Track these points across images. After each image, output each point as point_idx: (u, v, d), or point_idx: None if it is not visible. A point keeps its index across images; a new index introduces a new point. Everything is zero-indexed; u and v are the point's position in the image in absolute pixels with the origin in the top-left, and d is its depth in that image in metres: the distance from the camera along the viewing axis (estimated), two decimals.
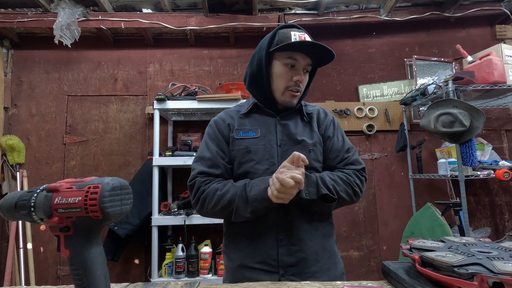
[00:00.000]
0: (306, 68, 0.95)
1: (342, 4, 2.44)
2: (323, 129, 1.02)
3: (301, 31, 0.94)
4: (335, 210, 0.98)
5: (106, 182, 0.47)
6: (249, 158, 0.93)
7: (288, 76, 0.93)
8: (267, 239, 0.88)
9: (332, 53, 0.92)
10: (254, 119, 0.99)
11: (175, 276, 1.98)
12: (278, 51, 0.92)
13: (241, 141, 0.95)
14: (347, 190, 0.91)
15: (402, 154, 2.46)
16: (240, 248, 0.92)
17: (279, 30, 0.95)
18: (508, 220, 2.43)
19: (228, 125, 0.98)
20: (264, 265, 0.87)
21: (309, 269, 0.87)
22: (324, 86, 2.57)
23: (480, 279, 0.46)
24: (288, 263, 0.86)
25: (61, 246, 0.48)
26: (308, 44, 0.90)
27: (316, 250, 0.89)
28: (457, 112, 1.81)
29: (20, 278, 2.17)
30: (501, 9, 2.45)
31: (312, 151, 0.95)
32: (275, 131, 0.96)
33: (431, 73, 2.51)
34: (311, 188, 0.84)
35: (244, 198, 0.84)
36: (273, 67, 0.95)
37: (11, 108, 2.44)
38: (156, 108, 2.07)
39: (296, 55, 0.91)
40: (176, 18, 2.37)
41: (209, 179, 0.92)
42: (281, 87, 0.94)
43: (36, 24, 2.28)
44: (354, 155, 1.01)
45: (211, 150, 0.95)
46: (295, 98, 0.97)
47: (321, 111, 1.07)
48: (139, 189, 2.11)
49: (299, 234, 0.88)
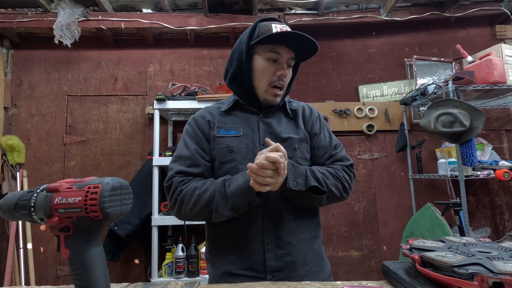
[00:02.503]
0: (289, 62, 0.91)
1: (342, 4, 2.44)
2: (309, 126, 0.98)
3: (282, 24, 0.89)
4: (335, 210, 0.97)
5: (106, 182, 0.47)
6: (231, 157, 0.88)
7: (271, 71, 0.88)
8: (253, 244, 0.84)
9: (316, 44, 0.88)
10: (235, 116, 0.94)
11: (175, 276, 1.98)
12: (259, 45, 0.88)
13: (222, 140, 0.90)
14: (336, 185, 0.88)
15: (402, 154, 2.46)
16: (224, 254, 0.87)
17: (259, 23, 0.90)
18: (508, 220, 2.43)
19: (208, 122, 0.93)
20: (251, 271, 0.83)
21: (297, 272, 0.84)
22: (324, 86, 2.57)
23: (480, 279, 0.46)
24: (276, 267, 0.83)
25: (61, 246, 0.48)
26: (291, 35, 0.85)
27: (304, 253, 0.86)
28: (457, 112, 1.81)
29: (20, 278, 2.17)
30: (501, 9, 2.45)
31: (298, 149, 0.92)
32: (258, 129, 0.92)
33: (431, 73, 2.51)
34: (299, 179, 0.81)
35: (224, 194, 0.79)
36: (254, 62, 0.90)
37: (11, 108, 2.44)
38: (156, 108, 2.07)
39: (279, 48, 0.87)
40: (176, 18, 2.37)
41: (187, 179, 0.86)
42: (264, 83, 0.90)
43: (36, 24, 2.28)
44: (341, 151, 0.98)
45: (190, 148, 0.90)
46: (278, 97, 0.92)
47: (306, 107, 1.02)
48: (139, 189, 2.11)
49: (287, 237, 0.85)
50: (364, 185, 2.44)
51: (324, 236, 2.37)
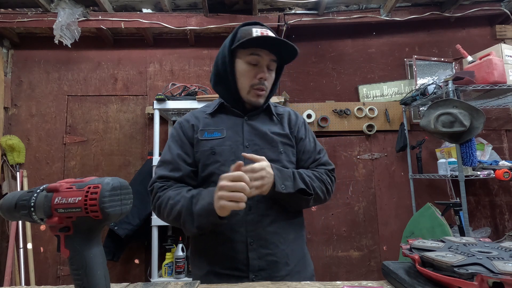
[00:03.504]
0: (270, 65, 0.93)
1: (342, 4, 2.44)
2: (295, 131, 1.00)
3: (263, 28, 0.92)
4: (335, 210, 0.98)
5: (106, 182, 0.47)
6: (214, 159, 0.90)
7: (252, 73, 0.91)
8: (237, 243, 0.85)
9: (295, 49, 0.89)
10: (220, 119, 0.96)
11: (175, 276, 1.98)
12: (240, 49, 0.90)
13: (206, 142, 0.92)
14: (321, 187, 0.92)
15: (402, 154, 2.46)
16: (208, 254, 0.89)
17: (240, 27, 0.93)
18: (508, 220, 2.43)
19: (192, 126, 0.95)
20: (234, 270, 0.85)
21: (280, 272, 0.86)
22: (324, 86, 2.57)
23: (480, 279, 0.46)
24: (259, 267, 0.84)
25: (61, 246, 0.48)
26: (268, 39, 0.87)
27: (286, 253, 0.88)
28: (457, 112, 1.80)
29: (20, 278, 2.17)
30: (501, 9, 2.45)
31: (283, 152, 0.94)
32: (242, 131, 0.93)
33: (431, 73, 2.51)
34: (288, 182, 0.83)
35: (190, 212, 0.80)
36: (236, 66, 0.92)
37: (11, 108, 2.44)
38: (156, 108, 2.07)
39: (259, 51, 0.89)
40: (176, 18, 2.37)
41: (166, 185, 0.89)
42: (246, 86, 0.92)
43: (36, 24, 2.28)
44: (324, 156, 1.01)
45: (173, 153, 0.93)
46: (260, 97, 0.94)
47: (291, 113, 1.05)
48: (139, 189, 2.11)
49: (270, 237, 0.86)
50: (364, 185, 2.44)
51: (324, 236, 2.37)
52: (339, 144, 2.48)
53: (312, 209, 2.37)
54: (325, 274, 2.32)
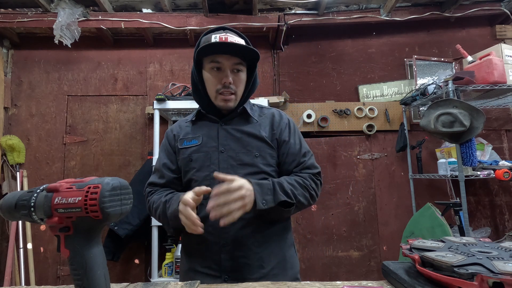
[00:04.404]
0: (235, 67, 0.92)
1: (342, 4, 2.44)
2: (277, 132, 0.98)
3: (223, 32, 0.92)
4: (335, 210, 0.98)
5: (106, 182, 0.47)
6: (191, 166, 0.94)
7: (215, 80, 0.92)
8: (211, 244, 0.89)
9: (253, 51, 0.89)
10: (198, 126, 1.00)
11: (175, 276, 1.98)
12: (203, 57, 0.93)
13: (185, 150, 0.97)
14: (304, 194, 0.90)
15: (402, 154, 2.46)
16: (190, 253, 0.95)
17: (203, 36, 0.95)
18: (508, 220, 2.43)
19: (174, 136, 1.02)
20: (208, 269, 0.89)
21: (253, 275, 0.87)
22: (324, 86, 2.57)
23: (480, 279, 0.46)
24: (231, 268, 0.87)
25: (61, 246, 0.48)
26: (224, 45, 0.88)
27: (261, 256, 0.88)
28: (457, 112, 1.80)
29: (20, 278, 2.17)
30: (501, 9, 2.45)
31: (258, 156, 0.93)
32: (217, 136, 0.95)
33: (431, 73, 2.51)
34: (267, 196, 0.83)
35: (165, 216, 0.88)
36: (203, 74, 0.95)
37: (11, 108, 2.44)
38: (156, 108, 2.07)
39: (219, 57, 0.90)
40: (176, 18, 2.37)
41: (153, 189, 0.98)
42: (213, 92, 0.94)
43: (36, 24, 2.28)
44: (310, 159, 0.98)
45: (160, 161, 1.01)
46: (229, 102, 0.94)
47: (276, 113, 1.03)
48: (139, 189, 2.08)
49: (243, 240, 0.87)
50: (364, 185, 2.44)
51: (324, 236, 2.37)
52: (339, 144, 2.48)
53: (312, 209, 2.37)
54: (325, 274, 2.32)
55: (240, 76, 0.95)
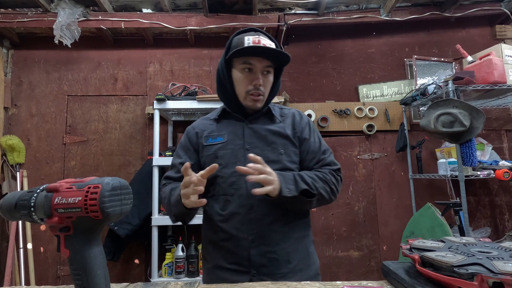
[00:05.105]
0: (265, 70, 0.95)
1: (342, 4, 2.44)
2: (299, 131, 1.02)
3: (256, 34, 0.94)
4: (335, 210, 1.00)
5: (106, 182, 0.47)
6: (217, 162, 0.93)
7: (246, 81, 0.95)
8: (239, 240, 0.90)
9: (286, 54, 0.92)
10: (223, 124, 1.02)
11: (175, 276, 1.98)
12: (235, 57, 0.94)
13: (210, 147, 0.99)
14: (325, 187, 0.93)
15: (402, 154, 2.46)
16: (215, 250, 0.95)
17: (234, 36, 0.98)
18: (508, 220, 2.43)
19: (196, 133, 1.03)
20: (237, 265, 0.90)
21: (281, 270, 0.89)
22: (324, 86, 2.57)
23: (480, 279, 0.46)
24: (260, 263, 0.88)
25: (61, 246, 0.48)
26: (259, 49, 0.90)
27: (288, 251, 0.91)
28: (457, 112, 1.80)
29: (20, 278, 2.17)
30: (501, 9, 2.45)
31: (283, 153, 0.96)
32: (243, 135, 0.98)
33: (431, 73, 2.51)
34: (290, 185, 0.86)
35: (168, 203, 0.92)
36: (233, 74, 0.97)
37: (11, 108, 2.44)
38: (156, 108, 2.07)
39: (251, 59, 0.93)
40: (176, 18, 2.37)
41: (168, 182, 1.01)
42: (242, 92, 0.96)
43: (36, 24, 2.28)
44: (329, 156, 1.02)
45: (176, 159, 1.03)
46: (258, 102, 0.97)
47: (296, 114, 1.08)
48: (139, 189, 2.11)
49: (271, 235, 0.90)
50: (364, 185, 2.44)
51: (324, 236, 2.37)
52: (339, 144, 2.48)
53: (312, 209, 2.37)
54: (325, 274, 2.32)
55: (269, 78, 0.98)
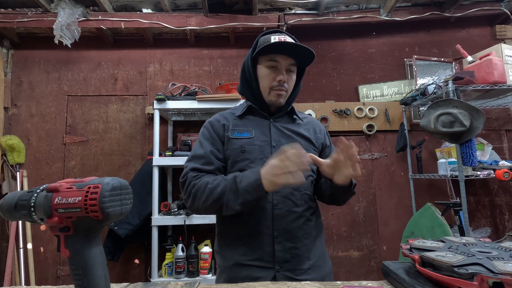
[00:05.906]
0: (289, 68, 0.99)
1: (342, 4, 2.44)
2: (322, 137, 1.08)
3: (281, 34, 0.99)
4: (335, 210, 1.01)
5: (106, 182, 0.47)
6: (243, 157, 0.95)
7: (271, 77, 0.98)
8: (263, 236, 0.91)
9: (311, 52, 0.96)
10: (248, 120, 1.03)
11: (175, 276, 1.98)
12: (260, 55, 0.99)
13: (236, 141, 0.98)
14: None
15: (402, 154, 2.46)
16: (235, 247, 0.94)
17: (261, 36, 1.03)
18: (508, 220, 2.43)
19: (223, 125, 1.02)
20: (260, 261, 0.90)
21: (303, 265, 0.91)
22: (324, 86, 2.57)
23: (480, 279, 0.46)
24: (284, 259, 0.90)
25: (61, 246, 0.48)
26: (285, 45, 0.94)
27: (309, 248, 0.94)
28: (457, 112, 1.80)
29: (20, 278, 2.17)
30: (501, 9, 2.45)
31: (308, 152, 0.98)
32: (269, 132, 1.00)
33: (431, 73, 2.51)
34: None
35: (234, 190, 0.84)
36: (258, 71, 1.01)
37: (11, 108, 2.44)
38: (156, 108, 2.07)
39: (276, 56, 0.97)
40: (176, 18, 2.37)
41: (200, 174, 0.93)
42: (267, 88, 1.00)
43: (36, 24, 2.28)
44: None
45: (205, 149, 0.97)
46: (281, 97, 1.00)
47: (313, 119, 1.15)
48: (139, 189, 2.11)
49: (294, 232, 0.92)
50: (364, 185, 2.44)
51: (324, 236, 2.36)
52: None
53: None
54: None
55: (292, 77, 1.02)
